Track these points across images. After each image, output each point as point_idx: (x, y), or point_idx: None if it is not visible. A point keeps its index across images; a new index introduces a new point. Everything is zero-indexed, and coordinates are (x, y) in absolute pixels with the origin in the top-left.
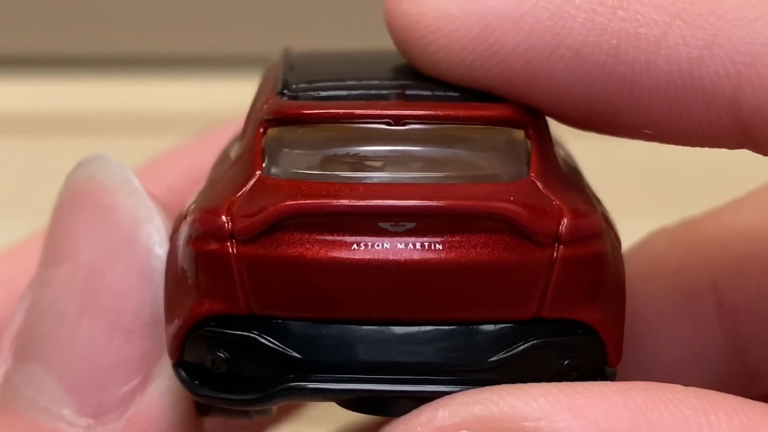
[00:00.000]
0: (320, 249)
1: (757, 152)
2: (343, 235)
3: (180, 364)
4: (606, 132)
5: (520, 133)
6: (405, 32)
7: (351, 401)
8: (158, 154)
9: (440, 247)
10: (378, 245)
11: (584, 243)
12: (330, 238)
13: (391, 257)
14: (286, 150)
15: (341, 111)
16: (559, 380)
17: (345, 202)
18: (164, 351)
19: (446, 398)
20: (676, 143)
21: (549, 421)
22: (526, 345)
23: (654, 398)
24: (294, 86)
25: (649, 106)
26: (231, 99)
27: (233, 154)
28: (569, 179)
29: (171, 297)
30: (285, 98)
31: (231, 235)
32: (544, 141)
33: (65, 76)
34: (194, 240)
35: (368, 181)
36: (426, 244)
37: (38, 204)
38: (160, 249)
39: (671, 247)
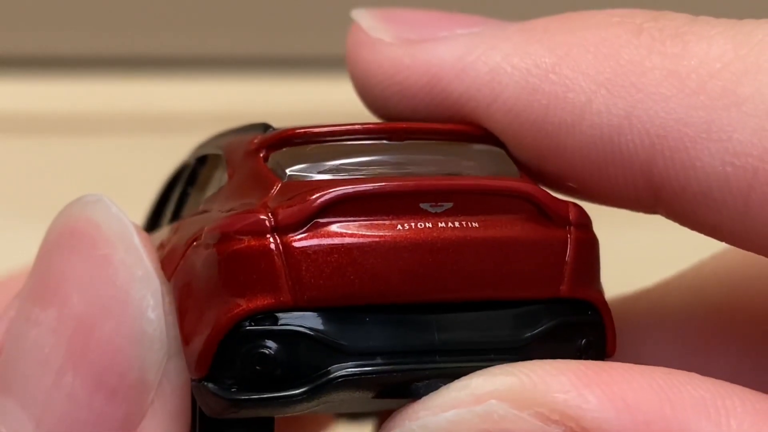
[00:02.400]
0: (365, 232)
1: (668, 218)
2: (386, 218)
3: (206, 379)
4: (538, 182)
5: (502, 152)
6: (363, 78)
7: (390, 389)
8: None
9: (477, 225)
10: (421, 225)
11: (587, 229)
12: (374, 221)
13: (433, 236)
14: (296, 164)
15: (337, 128)
16: (578, 358)
17: (386, 184)
18: (145, 415)
19: (481, 370)
20: (598, 202)
21: (577, 394)
22: (552, 323)
23: (674, 380)
24: (274, 130)
25: (573, 164)
26: (231, 99)
27: (214, 195)
28: None
29: (189, 319)
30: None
31: (273, 229)
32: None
33: (65, 76)
34: (219, 244)
35: (395, 173)
36: (464, 222)
37: (38, 204)
38: (152, 313)
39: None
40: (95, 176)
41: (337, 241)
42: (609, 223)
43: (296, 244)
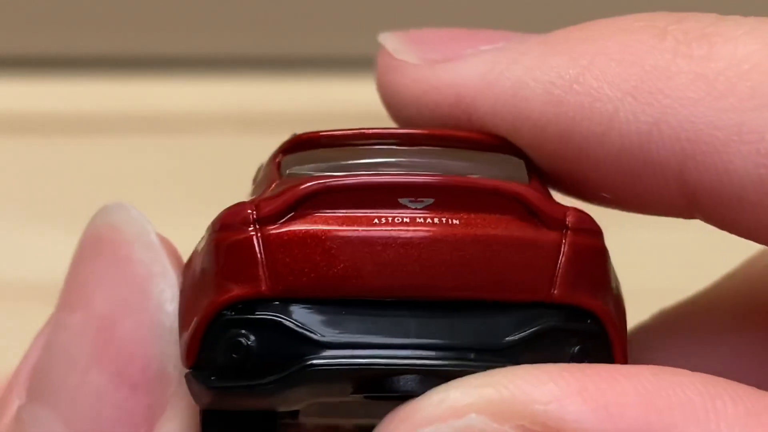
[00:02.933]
0: (342, 225)
1: (707, 222)
2: (364, 211)
3: (194, 368)
4: (569, 193)
5: (520, 162)
6: (393, 101)
7: (364, 384)
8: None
9: (457, 223)
10: (398, 219)
11: (590, 235)
12: (351, 213)
13: (410, 231)
14: (299, 165)
15: (349, 132)
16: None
17: (366, 178)
18: (166, 407)
19: (458, 380)
20: (633, 210)
21: (559, 404)
22: (539, 327)
23: (662, 382)
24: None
25: (604, 174)
26: (231, 99)
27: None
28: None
29: (185, 307)
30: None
31: (256, 221)
32: (538, 172)
33: (65, 76)
34: (214, 235)
35: (391, 170)
36: (444, 219)
37: (38, 204)
38: (170, 306)
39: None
40: (95, 176)
41: (312, 232)
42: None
43: (273, 235)
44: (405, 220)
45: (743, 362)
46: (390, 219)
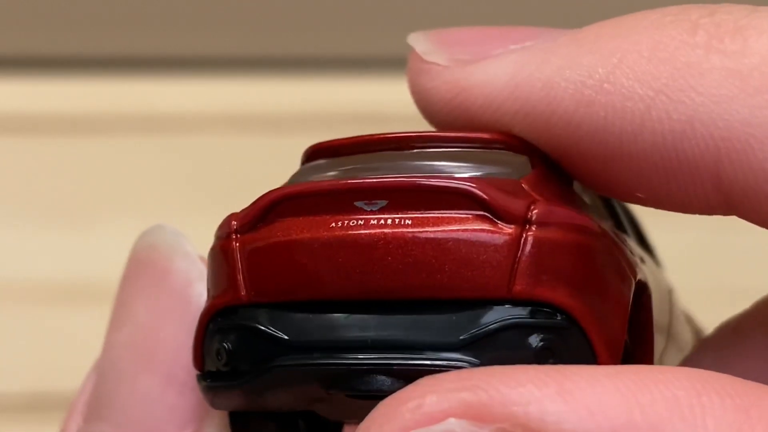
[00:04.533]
0: (302, 229)
1: (744, 219)
2: (322, 216)
3: (200, 372)
4: (604, 192)
5: (522, 159)
6: (425, 104)
7: (336, 381)
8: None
9: (410, 223)
10: (353, 222)
11: (562, 229)
12: (310, 219)
13: (365, 232)
14: (306, 173)
15: (354, 141)
16: (536, 364)
17: (320, 184)
18: None
19: (432, 382)
20: (668, 209)
21: (538, 405)
22: (499, 323)
23: (645, 380)
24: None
25: (639, 173)
26: (231, 99)
27: None
28: (577, 205)
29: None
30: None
31: (234, 230)
32: (550, 172)
33: (65, 76)
34: (212, 247)
35: (357, 175)
36: (397, 219)
37: (38, 204)
38: None
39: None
40: (95, 176)
41: (276, 239)
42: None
43: (246, 244)
44: (360, 222)
45: None
46: (345, 222)
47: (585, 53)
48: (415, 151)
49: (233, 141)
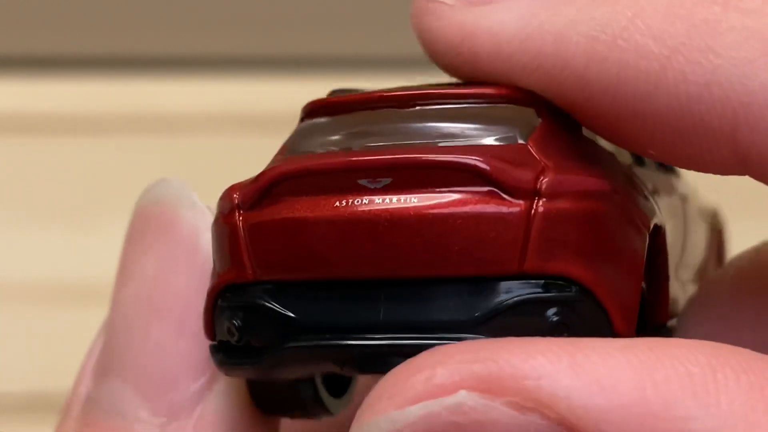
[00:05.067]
0: (307, 208)
1: (758, 181)
2: (326, 195)
3: (216, 344)
4: (615, 143)
5: (529, 112)
6: (430, 46)
7: (348, 361)
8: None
9: (416, 201)
10: (357, 201)
11: (573, 198)
12: (315, 198)
13: (370, 212)
14: (307, 136)
15: (354, 99)
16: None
17: (322, 161)
18: None
19: (442, 353)
20: (681, 167)
21: (550, 379)
22: (510, 300)
23: (659, 355)
24: (331, 92)
25: (652, 132)
26: (231, 99)
27: None
28: (587, 159)
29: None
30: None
31: (238, 206)
32: (557, 122)
33: (65, 76)
34: (216, 217)
35: (361, 149)
36: (402, 198)
37: (38, 204)
38: None
39: (743, 285)
40: (95, 176)
41: (280, 217)
42: None
43: (250, 221)
44: (364, 201)
45: None
46: (350, 201)
47: (599, 5)
48: (416, 108)
49: (233, 141)
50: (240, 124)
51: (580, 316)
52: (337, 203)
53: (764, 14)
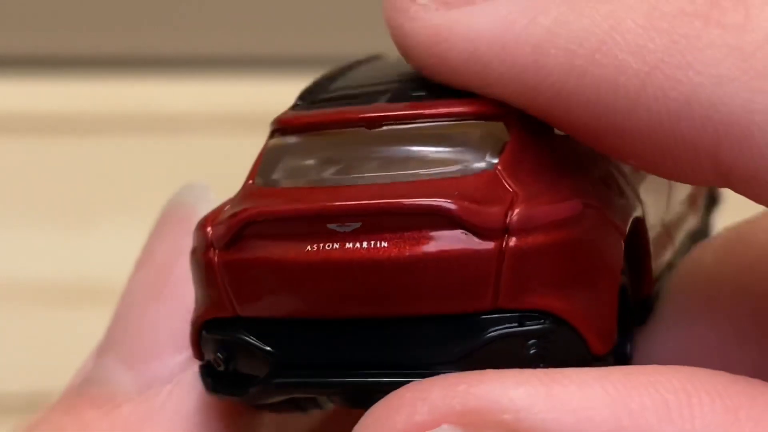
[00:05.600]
0: (280, 252)
1: (740, 194)
2: (298, 238)
3: (203, 365)
4: (594, 149)
5: (499, 126)
6: (403, 47)
7: (334, 396)
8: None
9: (386, 245)
10: (328, 246)
11: (543, 231)
12: (288, 241)
13: (340, 257)
14: (277, 159)
15: (322, 118)
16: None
17: (293, 206)
18: None
19: (421, 388)
20: (662, 176)
21: (527, 412)
22: (486, 336)
23: (635, 382)
24: (305, 95)
25: (633, 145)
26: (231, 99)
27: None
28: (551, 169)
29: (195, 302)
30: (294, 110)
31: (212, 244)
32: (528, 133)
33: (65, 76)
34: (192, 250)
35: (331, 185)
36: (372, 242)
37: (38, 204)
38: None
39: (722, 265)
40: (95, 176)
41: (255, 257)
42: None
43: (226, 259)
44: (335, 246)
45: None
46: (321, 246)
47: (577, 16)
48: (384, 128)
49: (233, 141)
50: (240, 124)
51: (556, 345)
52: (309, 248)
53: (745, 30)
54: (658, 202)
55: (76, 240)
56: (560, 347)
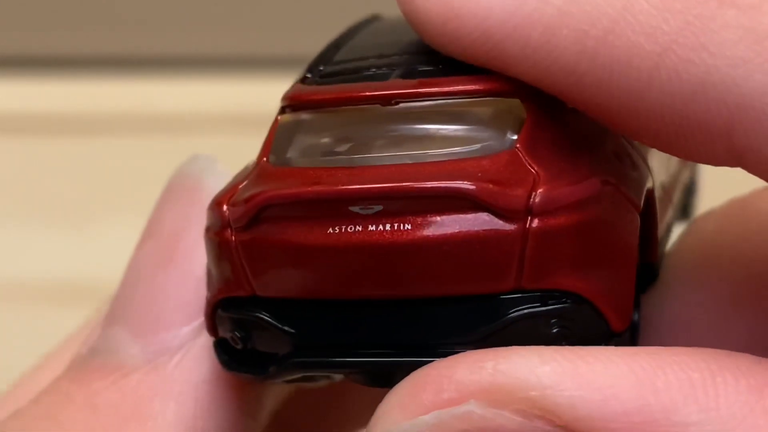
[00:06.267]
0: (300, 234)
1: (754, 175)
2: (319, 221)
3: (218, 341)
4: (607, 127)
5: (515, 103)
6: (415, 24)
7: (354, 375)
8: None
9: (409, 227)
10: (350, 228)
11: (565, 212)
12: (308, 223)
13: (363, 239)
14: (290, 136)
15: (337, 95)
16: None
17: (314, 188)
18: None
19: (449, 365)
20: (676, 155)
21: (554, 389)
22: (509, 316)
23: (660, 362)
24: (314, 69)
25: (647, 125)
26: (231, 99)
27: None
28: (567, 147)
29: (207, 279)
30: (304, 84)
31: (229, 223)
32: (544, 109)
33: (65, 76)
34: (207, 228)
35: (351, 165)
36: (395, 225)
37: (38, 204)
38: None
39: (722, 234)
40: (95, 176)
41: (276, 239)
42: None
43: (244, 239)
44: (358, 228)
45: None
46: (342, 229)
47: None
48: (400, 106)
49: (233, 141)
50: (240, 124)
51: (577, 323)
52: (330, 230)
53: (761, 11)
54: (661, 166)
55: (76, 240)
56: (581, 325)
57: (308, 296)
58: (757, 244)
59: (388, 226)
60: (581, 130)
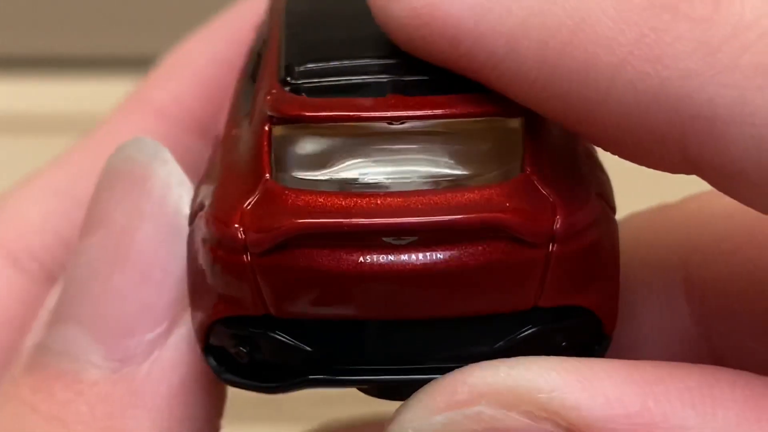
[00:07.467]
0: (330, 262)
1: (709, 183)
2: (351, 250)
3: (207, 349)
4: (570, 131)
5: (515, 122)
6: (387, 29)
7: (370, 390)
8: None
9: (441, 257)
10: (383, 258)
11: (579, 237)
12: (338, 252)
13: (394, 268)
14: (290, 152)
15: (342, 113)
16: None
17: (350, 221)
18: (188, 306)
19: (464, 372)
20: (633, 162)
21: (561, 392)
22: (525, 332)
23: (660, 372)
24: (296, 72)
25: (604, 133)
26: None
27: (245, 122)
28: (565, 162)
29: (194, 287)
30: (288, 89)
31: (245, 247)
32: (535, 123)
33: (65, 76)
34: (211, 247)
35: (371, 191)
36: (428, 254)
37: None
38: (188, 209)
39: (644, 229)
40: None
41: (302, 265)
42: None
43: (265, 264)
44: (390, 258)
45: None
46: (375, 258)
47: (550, 6)
48: (406, 125)
49: None
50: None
51: (583, 334)
52: (362, 259)
53: (713, 24)
54: None
55: None
56: (584, 334)
57: (330, 318)
58: (672, 238)
59: (420, 256)
60: (562, 137)
